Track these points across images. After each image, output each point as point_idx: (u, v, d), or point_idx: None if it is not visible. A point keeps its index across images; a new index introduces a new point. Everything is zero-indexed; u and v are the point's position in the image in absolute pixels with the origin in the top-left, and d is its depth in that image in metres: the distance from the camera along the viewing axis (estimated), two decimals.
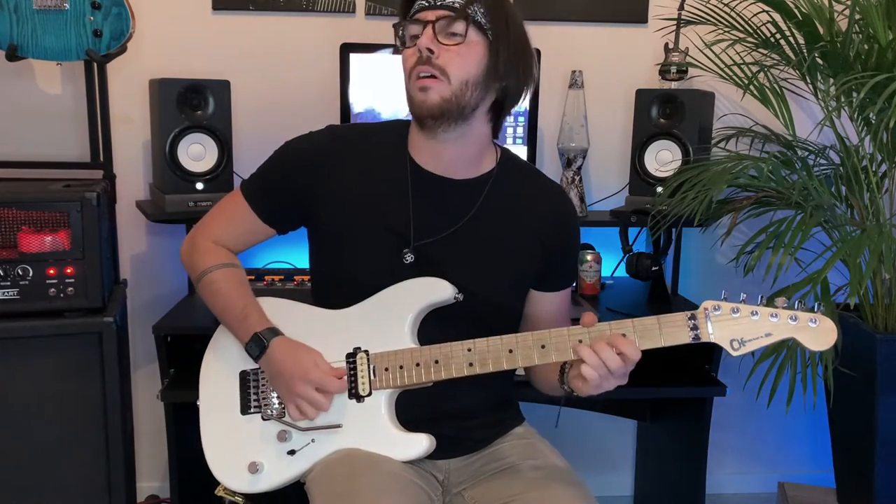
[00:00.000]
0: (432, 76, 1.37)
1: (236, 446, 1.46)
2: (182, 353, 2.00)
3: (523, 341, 1.35)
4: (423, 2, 1.39)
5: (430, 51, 1.36)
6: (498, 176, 1.50)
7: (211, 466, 1.48)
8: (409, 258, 1.45)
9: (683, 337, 1.29)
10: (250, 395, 1.48)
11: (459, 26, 1.37)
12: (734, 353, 1.27)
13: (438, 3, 1.37)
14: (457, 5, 1.37)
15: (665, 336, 1.29)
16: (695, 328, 1.28)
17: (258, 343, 1.43)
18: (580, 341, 1.32)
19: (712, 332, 1.27)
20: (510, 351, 1.35)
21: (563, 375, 1.40)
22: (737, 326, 1.27)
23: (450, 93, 1.37)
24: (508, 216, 1.49)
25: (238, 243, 1.56)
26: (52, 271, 1.84)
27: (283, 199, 1.50)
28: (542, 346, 1.34)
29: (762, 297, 1.29)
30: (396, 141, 1.51)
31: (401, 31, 1.42)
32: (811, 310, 1.27)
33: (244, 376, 1.49)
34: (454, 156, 1.46)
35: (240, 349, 1.49)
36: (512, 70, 1.42)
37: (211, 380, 1.53)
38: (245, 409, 1.48)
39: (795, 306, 1.27)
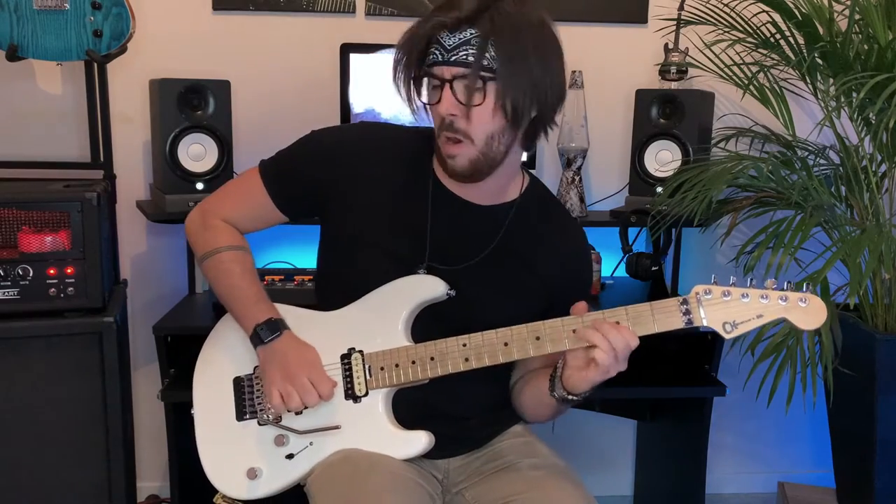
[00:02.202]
0: (457, 140, 1.34)
1: (233, 453, 1.46)
2: (182, 353, 2.00)
3: (518, 334, 1.35)
4: (438, 55, 1.31)
5: (452, 114, 1.33)
6: (520, 208, 1.48)
7: (208, 474, 1.47)
8: None
9: (676, 322, 1.29)
10: (245, 400, 1.47)
11: (474, 82, 1.30)
12: (727, 336, 1.28)
13: (452, 59, 1.30)
14: (472, 58, 1.29)
15: (658, 322, 1.29)
16: (687, 313, 1.28)
17: (273, 327, 1.41)
18: (574, 331, 1.31)
19: (704, 316, 1.28)
20: (505, 344, 1.35)
21: (553, 383, 1.38)
22: (728, 309, 1.28)
23: (476, 153, 1.35)
24: (523, 252, 1.47)
25: (248, 224, 1.54)
26: (52, 271, 1.84)
27: (299, 188, 1.49)
28: (537, 338, 1.34)
29: (751, 279, 1.29)
30: (422, 151, 1.47)
31: (416, 82, 1.35)
32: (800, 289, 1.28)
33: (238, 382, 1.49)
34: (482, 187, 1.44)
35: (233, 356, 1.48)
36: (540, 97, 1.35)
37: (205, 388, 1.51)
38: (240, 416, 1.47)
39: (785, 287, 1.28)
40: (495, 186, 1.46)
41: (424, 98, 1.38)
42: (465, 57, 1.29)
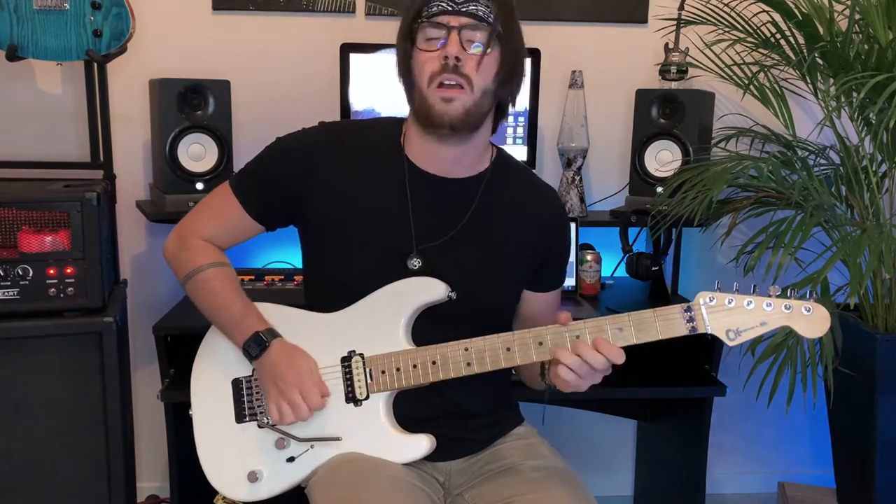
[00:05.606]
0: (458, 85, 1.35)
1: (233, 455, 1.45)
2: (182, 353, 1.99)
3: (521, 339, 1.35)
4: (445, 5, 1.35)
5: (458, 59, 1.34)
6: (492, 175, 1.49)
7: (209, 476, 1.46)
8: (416, 264, 1.43)
9: (680, 329, 1.29)
10: (244, 402, 1.47)
11: (481, 35, 1.35)
12: (731, 343, 1.29)
13: (463, 9, 1.34)
14: (480, 13, 1.34)
15: (662, 329, 1.30)
16: (691, 320, 1.29)
17: (258, 342, 1.41)
18: (578, 337, 1.31)
19: (708, 323, 1.28)
20: (508, 349, 1.35)
21: (543, 369, 1.40)
22: (732, 317, 1.28)
23: (472, 102, 1.36)
24: (503, 216, 1.49)
25: (226, 239, 1.53)
26: (52, 271, 1.84)
27: (273, 196, 1.48)
28: (540, 343, 1.33)
29: (755, 286, 1.30)
30: (391, 139, 1.48)
31: (414, 32, 1.38)
32: (804, 297, 1.28)
33: (237, 384, 1.48)
34: (456, 158, 1.45)
35: (231, 356, 1.48)
36: (516, 75, 1.43)
37: (203, 389, 1.50)
38: (240, 418, 1.47)
39: (789, 294, 1.28)
40: (470, 160, 1.47)
41: (423, 44, 1.37)
42: (474, 10, 1.34)
